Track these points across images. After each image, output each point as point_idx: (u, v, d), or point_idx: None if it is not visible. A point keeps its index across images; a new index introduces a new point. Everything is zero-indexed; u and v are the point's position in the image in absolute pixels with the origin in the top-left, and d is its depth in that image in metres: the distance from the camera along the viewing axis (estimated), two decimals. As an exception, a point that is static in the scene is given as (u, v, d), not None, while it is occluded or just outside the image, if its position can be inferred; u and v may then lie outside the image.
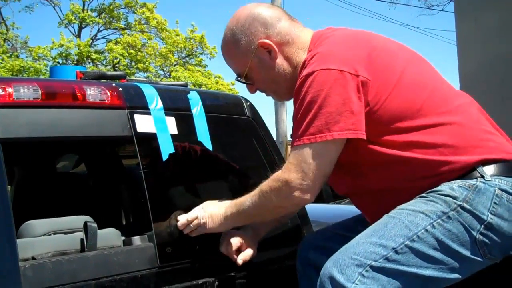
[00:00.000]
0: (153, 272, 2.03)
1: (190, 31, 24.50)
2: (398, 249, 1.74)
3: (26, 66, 21.44)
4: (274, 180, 1.93)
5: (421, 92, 1.89)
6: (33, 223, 2.02)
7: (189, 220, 2.10)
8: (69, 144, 2.90)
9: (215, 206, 2.10)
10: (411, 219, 1.78)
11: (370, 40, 1.98)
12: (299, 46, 2.04)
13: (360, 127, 1.82)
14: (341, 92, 1.80)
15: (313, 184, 1.86)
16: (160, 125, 2.23)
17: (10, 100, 1.92)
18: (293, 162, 1.87)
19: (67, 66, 13.95)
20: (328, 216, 3.76)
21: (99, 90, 2.14)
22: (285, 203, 1.94)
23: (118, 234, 2.13)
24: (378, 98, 1.85)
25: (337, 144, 1.84)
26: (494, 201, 1.78)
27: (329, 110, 1.80)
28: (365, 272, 1.72)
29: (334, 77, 1.81)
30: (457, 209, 1.77)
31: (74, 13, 23.74)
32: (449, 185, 1.81)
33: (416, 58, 2.04)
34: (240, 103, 2.64)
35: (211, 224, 2.08)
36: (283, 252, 2.47)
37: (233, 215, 2.05)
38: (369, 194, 1.97)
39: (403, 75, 1.90)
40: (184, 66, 24.85)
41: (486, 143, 1.87)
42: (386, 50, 1.96)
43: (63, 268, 1.84)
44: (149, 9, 23.72)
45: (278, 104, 12.16)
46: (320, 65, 1.84)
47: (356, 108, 1.81)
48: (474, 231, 1.77)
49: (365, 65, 1.85)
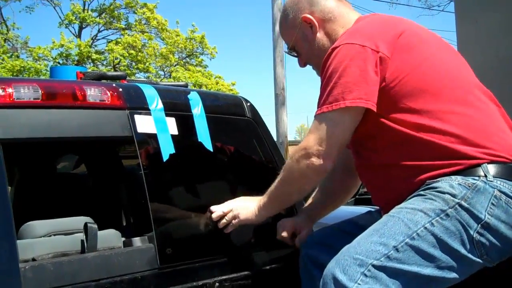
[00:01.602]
0: (153, 273, 2.03)
1: (191, 32, 24.50)
2: (398, 247, 1.76)
3: (26, 67, 21.43)
4: (295, 151, 2.02)
5: (441, 78, 1.93)
6: (33, 224, 2.02)
7: (225, 212, 2.19)
8: (70, 145, 2.89)
9: (248, 199, 2.22)
10: (410, 217, 1.79)
11: (402, 24, 2.04)
12: (341, 25, 2.14)
13: (372, 99, 1.88)
14: (360, 65, 1.88)
15: (330, 151, 1.93)
16: (161, 125, 2.23)
17: (10, 100, 1.92)
18: (312, 130, 1.97)
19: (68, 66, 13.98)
20: (330, 217, 3.75)
21: (100, 91, 2.14)
22: (306, 172, 1.99)
23: (118, 235, 2.13)
24: (396, 75, 1.90)
25: (352, 113, 1.90)
26: (492, 202, 1.79)
27: (346, 80, 1.88)
28: (367, 272, 1.74)
29: (356, 51, 1.90)
30: (455, 207, 1.78)
31: (75, 13, 23.73)
32: (449, 182, 1.82)
33: (446, 47, 2.09)
34: (240, 104, 2.64)
35: (245, 215, 2.18)
36: (284, 252, 2.47)
37: (265, 203, 2.15)
38: (375, 168, 2.02)
39: (427, 59, 1.95)
40: (185, 67, 24.84)
41: (496, 140, 1.88)
42: (415, 35, 2.01)
43: (64, 269, 1.84)
44: (150, 9, 23.71)
45: (278, 104, 12.17)
46: (346, 40, 1.95)
47: (371, 80, 1.88)
48: (471, 229, 1.78)
49: (388, 44, 1.92)
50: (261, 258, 2.38)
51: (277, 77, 12.18)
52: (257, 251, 2.39)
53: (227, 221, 2.20)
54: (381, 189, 2.02)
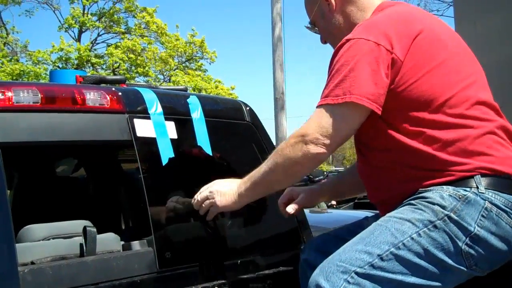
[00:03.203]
0: (152, 277, 2.03)
1: (190, 36, 24.53)
2: (383, 256, 1.74)
3: (26, 70, 21.44)
4: (291, 136, 1.95)
5: (449, 88, 1.88)
6: (32, 228, 2.02)
7: (200, 201, 2.14)
8: (69, 149, 2.90)
9: (227, 184, 2.13)
10: (398, 227, 1.78)
11: (423, 22, 1.97)
12: (360, 7, 2.10)
13: (378, 101, 1.84)
14: (372, 63, 1.83)
15: (329, 141, 1.86)
16: (160, 129, 2.23)
17: (9, 104, 1.92)
18: (314, 117, 1.90)
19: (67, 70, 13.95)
20: (328, 222, 3.76)
21: (99, 95, 2.14)
22: (300, 159, 1.90)
23: (117, 239, 2.13)
24: (405, 80, 1.86)
25: (359, 110, 1.85)
26: (482, 214, 1.77)
27: (356, 75, 1.83)
28: (350, 279, 1.72)
29: (370, 48, 1.85)
30: (444, 218, 1.77)
31: (74, 17, 23.75)
32: (439, 193, 1.80)
33: (464, 54, 2.03)
34: (239, 108, 2.64)
35: (224, 202, 2.10)
36: (282, 257, 2.47)
37: (248, 189, 2.06)
38: (372, 168, 2.00)
39: (440, 66, 1.90)
40: (184, 71, 24.86)
41: (493, 152, 1.86)
42: (433, 36, 1.95)
43: (62, 272, 1.84)
44: (149, 13, 23.74)
45: (277, 109, 12.16)
46: (361, 34, 1.89)
47: (380, 82, 1.83)
48: (460, 241, 1.76)
49: (403, 45, 1.87)
50: (260, 262, 2.38)
51: (276, 81, 12.18)
52: (257, 255, 2.39)
53: (204, 209, 2.14)
54: (377, 188, 2.01)
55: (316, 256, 2.13)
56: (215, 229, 2.33)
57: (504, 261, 1.86)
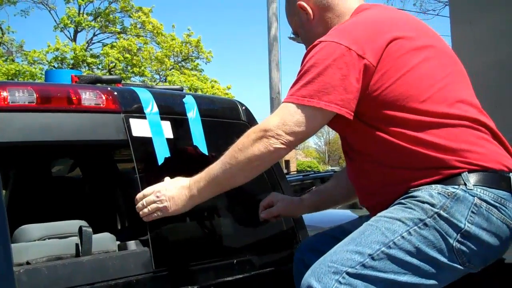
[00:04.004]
0: (148, 277, 2.03)
1: (186, 36, 24.54)
2: (374, 256, 1.74)
3: (21, 70, 21.42)
4: (251, 131, 1.91)
5: (425, 89, 1.88)
6: (28, 228, 2.02)
7: (145, 205, 2.02)
8: (64, 148, 2.89)
9: (173, 186, 2.02)
10: (388, 226, 1.78)
11: (399, 28, 1.96)
12: (337, 14, 2.09)
13: (348, 106, 1.83)
14: (342, 68, 1.83)
15: (291, 139, 1.85)
16: (156, 129, 2.23)
17: (5, 104, 1.91)
18: (278, 113, 1.88)
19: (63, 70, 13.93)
20: (324, 221, 3.76)
21: (95, 94, 2.14)
22: (261, 153, 1.86)
23: (113, 239, 2.13)
24: (380, 84, 1.86)
25: (324, 114, 1.85)
26: (472, 210, 1.77)
27: (325, 80, 1.83)
28: (342, 279, 1.72)
29: (341, 52, 1.84)
30: (434, 216, 1.77)
31: (70, 17, 23.74)
32: (428, 191, 1.81)
33: (441, 55, 2.01)
34: (235, 107, 2.64)
35: (173, 207, 2.00)
36: (278, 256, 2.47)
37: (201, 188, 1.98)
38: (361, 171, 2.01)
39: (414, 69, 1.89)
40: (180, 71, 24.87)
41: (477, 148, 1.86)
42: (409, 42, 1.93)
43: (58, 273, 1.84)
44: (145, 13, 23.75)
45: (274, 108, 12.18)
46: (334, 37, 1.88)
47: (350, 87, 1.83)
48: (451, 238, 1.76)
49: (375, 50, 1.86)
50: (257, 262, 2.38)
51: (272, 81, 12.20)
52: (253, 255, 2.39)
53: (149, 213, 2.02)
54: (368, 192, 2.01)
55: (311, 256, 2.13)
56: (211, 228, 2.33)
57: (497, 256, 1.87)
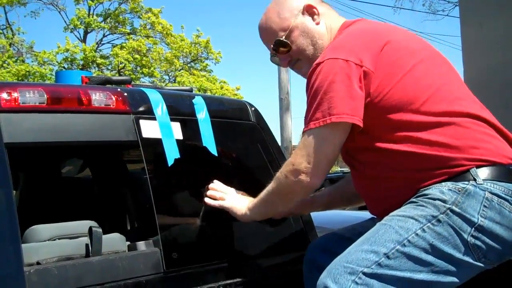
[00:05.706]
0: (158, 278, 2.03)
1: (196, 36, 24.53)
2: (389, 254, 1.75)
3: (31, 71, 21.49)
4: (285, 164, 2.02)
5: (424, 90, 1.91)
6: (38, 228, 2.02)
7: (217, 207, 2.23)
8: (74, 149, 2.90)
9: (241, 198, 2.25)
10: (401, 225, 1.79)
11: (389, 34, 2.01)
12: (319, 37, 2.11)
13: (357, 114, 1.86)
14: (344, 79, 1.86)
15: (317, 167, 1.91)
16: (166, 130, 2.24)
17: (15, 105, 1.92)
18: (300, 146, 1.96)
19: (73, 71, 14.00)
20: (333, 222, 3.74)
21: (105, 95, 2.14)
22: (292, 187, 1.98)
23: (123, 239, 2.13)
24: (380, 90, 1.89)
25: (340, 129, 1.89)
26: (484, 204, 1.78)
27: (332, 95, 1.86)
28: (358, 279, 1.73)
29: (339, 66, 1.88)
30: (447, 212, 1.77)
31: (80, 18, 23.79)
32: (439, 189, 1.82)
33: (433, 56, 2.05)
34: (245, 108, 2.64)
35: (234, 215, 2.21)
36: (288, 257, 2.46)
37: (252, 207, 2.16)
38: (368, 180, 2.02)
39: (410, 71, 1.92)
40: (189, 71, 24.86)
41: (483, 144, 1.87)
42: (399, 46, 1.98)
43: (68, 273, 1.84)
44: (155, 14, 23.75)
45: (282, 109, 12.18)
46: (329, 55, 1.92)
47: (356, 95, 1.86)
48: (465, 233, 1.77)
49: (372, 57, 1.90)
50: (265, 263, 2.38)
51: (281, 82, 12.19)
52: (262, 256, 2.39)
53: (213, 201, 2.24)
54: (376, 199, 2.02)
55: (323, 256, 2.13)
56: (221, 230, 2.33)
57: None
